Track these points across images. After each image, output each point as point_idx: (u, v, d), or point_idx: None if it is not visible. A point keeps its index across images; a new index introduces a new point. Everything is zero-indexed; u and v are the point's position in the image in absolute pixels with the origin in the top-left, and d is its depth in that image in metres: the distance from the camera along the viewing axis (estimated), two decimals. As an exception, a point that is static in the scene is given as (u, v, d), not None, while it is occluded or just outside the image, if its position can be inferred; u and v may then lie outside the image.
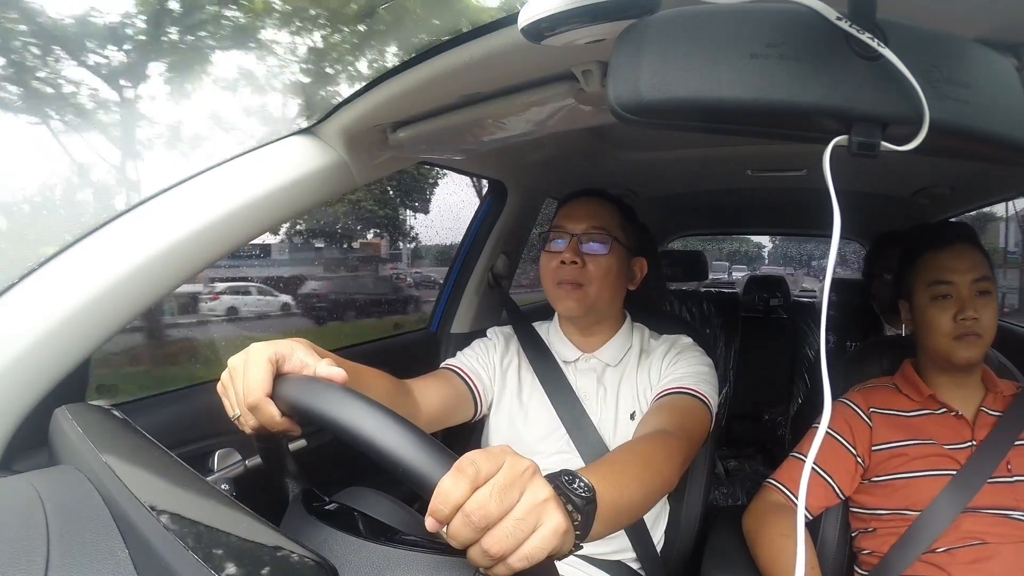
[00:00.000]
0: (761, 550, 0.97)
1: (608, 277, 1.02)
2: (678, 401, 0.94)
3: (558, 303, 1.05)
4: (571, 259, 1.01)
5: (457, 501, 0.43)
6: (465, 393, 1.03)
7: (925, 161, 1.29)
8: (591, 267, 1.01)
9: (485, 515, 0.43)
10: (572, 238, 1.03)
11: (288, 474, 0.67)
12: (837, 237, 0.42)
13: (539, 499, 0.46)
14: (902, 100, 0.38)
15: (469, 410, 1.04)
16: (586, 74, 0.63)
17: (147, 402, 0.96)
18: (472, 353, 1.11)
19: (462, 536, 0.43)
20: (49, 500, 0.51)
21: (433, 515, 0.43)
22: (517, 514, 0.44)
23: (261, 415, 0.56)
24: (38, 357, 0.66)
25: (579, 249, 1.02)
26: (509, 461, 0.46)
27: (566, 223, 1.05)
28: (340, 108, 0.80)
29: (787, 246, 22.18)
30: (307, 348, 0.61)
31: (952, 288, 0.97)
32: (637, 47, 0.39)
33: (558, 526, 0.46)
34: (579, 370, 1.08)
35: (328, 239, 8.46)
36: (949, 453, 0.98)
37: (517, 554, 0.44)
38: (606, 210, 1.06)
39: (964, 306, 0.96)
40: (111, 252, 0.71)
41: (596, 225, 1.03)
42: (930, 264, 1.00)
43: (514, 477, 0.45)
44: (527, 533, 0.44)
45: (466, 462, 0.44)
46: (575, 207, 1.07)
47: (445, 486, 0.43)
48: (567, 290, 1.01)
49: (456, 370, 1.06)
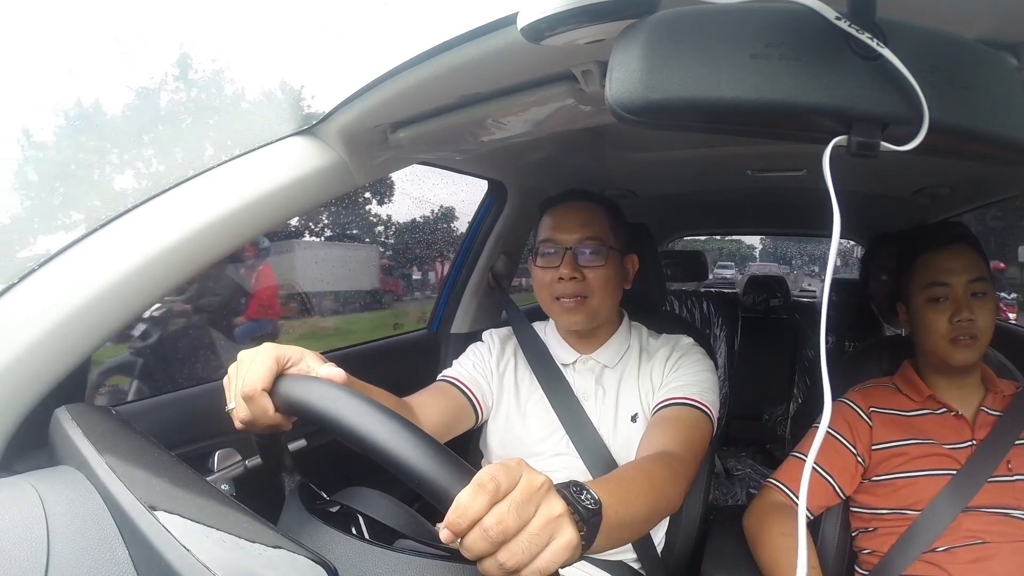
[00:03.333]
0: (762, 550, 0.97)
1: (608, 286, 1.01)
2: (681, 414, 0.94)
3: (560, 318, 1.04)
4: (570, 275, 0.98)
5: (476, 515, 0.43)
6: (464, 405, 1.03)
7: (925, 161, 1.29)
8: (591, 278, 0.99)
9: (503, 530, 0.44)
10: (567, 251, 1.00)
11: (284, 469, 0.67)
12: (837, 237, 0.42)
13: (554, 514, 0.47)
14: (902, 100, 0.38)
15: (470, 421, 1.04)
16: (586, 74, 0.63)
17: (147, 402, 0.96)
18: (468, 361, 1.10)
19: (478, 549, 0.44)
20: (49, 500, 0.51)
21: (450, 527, 0.44)
22: (533, 528, 0.45)
23: (255, 407, 0.57)
24: (38, 357, 0.66)
25: (575, 262, 0.99)
26: (526, 476, 0.47)
27: (557, 234, 1.02)
28: (340, 108, 0.80)
29: (777, 244, 22.13)
30: (316, 356, 0.62)
31: (947, 290, 0.97)
32: (637, 47, 0.39)
33: (570, 540, 0.47)
34: (577, 371, 1.08)
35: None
36: (949, 453, 0.98)
37: (531, 567, 0.45)
38: (596, 215, 1.03)
39: (959, 308, 0.96)
40: (111, 252, 0.71)
41: (589, 235, 1.00)
42: (925, 266, 1.00)
43: (531, 492, 0.46)
44: (541, 547, 0.45)
45: (486, 477, 0.45)
46: (564, 215, 1.04)
47: (464, 500, 0.43)
48: (569, 306, 1.00)
49: (454, 382, 1.05)
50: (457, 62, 0.63)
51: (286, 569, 0.45)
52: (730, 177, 1.63)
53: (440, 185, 4.19)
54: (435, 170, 1.29)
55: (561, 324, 1.07)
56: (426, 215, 7.81)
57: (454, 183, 1.54)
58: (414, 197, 7.61)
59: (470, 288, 1.60)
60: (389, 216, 9.19)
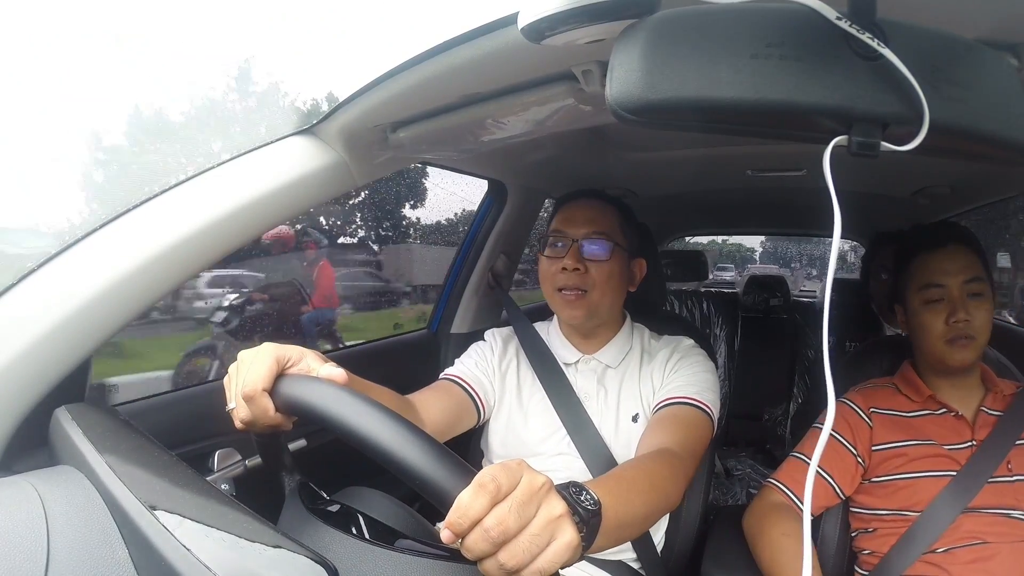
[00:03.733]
0: (762, 550, 0.97)
1: (611, 282, 1.01)
2: (681, 413, 0.94)
3: (560, 310, 1.04)
4: (573, 266, 0.99)
5: (476, 516, 0.44)
6: (467, 402, 1.03)
7: (925, 161, 1.29)
8: (593, 272, 1.00)
9: (504, 531, 0.44)
10: (573, 243, 1.01)
11: (284, 468, 0.67)
12: (837, 237, 0.42)
13: (554, 515, 0.47)
14: (902, 100, 0.38)
15: (472, 419, 1.04)
16: (586, 74, 0.63)
17: (147, 402, 0.96)
18: (470, 360, 1.10)
19: (478, 549, 0.44)
20: (49, 500, 0.51)
21: (450, 528, 0.44)
22: (533, 529, 0.45)
23: (255, 407, 0.57)
24: (38, 357, 0.66)
25: (580, 255, 1.00)
26: (527, 477, 0.47)
27: (566, 227, 1.03)
28: (340, 108, 0.80)
29: (777, 244, 22.16)
30: (316, 356, 0.62)
31: (943, 291, 0.97)
32: (637, 47, 0.39)
33: (571, 541, 0.47)
34: (579, 371, 1.08)
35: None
36: (949, 453, 0.98)
37: (531, 567, 0.45)
38: (606, 213, 1.05)
39: (955, 308, 0.96)
40: (111, 252, 0.71)
41: (597, 230, 1.01)
42: (921, 267, 1.00)
43: (532, 493, 0.46)
44: (541, 548, 0.46)
45: (487, 478, 0.45)
46: (574, 210, 1.05)
47: (465, 500, 0.44)
48: (570, 298, 1.00)
49: (456, 380, 1.05)
50: (457, 62, 0.63)
51: (286, 569, 0.45)
52: (730, 177, 1.63)
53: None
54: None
55: (562, 317, 1.07)
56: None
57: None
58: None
59: (470, 288, 1.60)
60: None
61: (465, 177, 1.44)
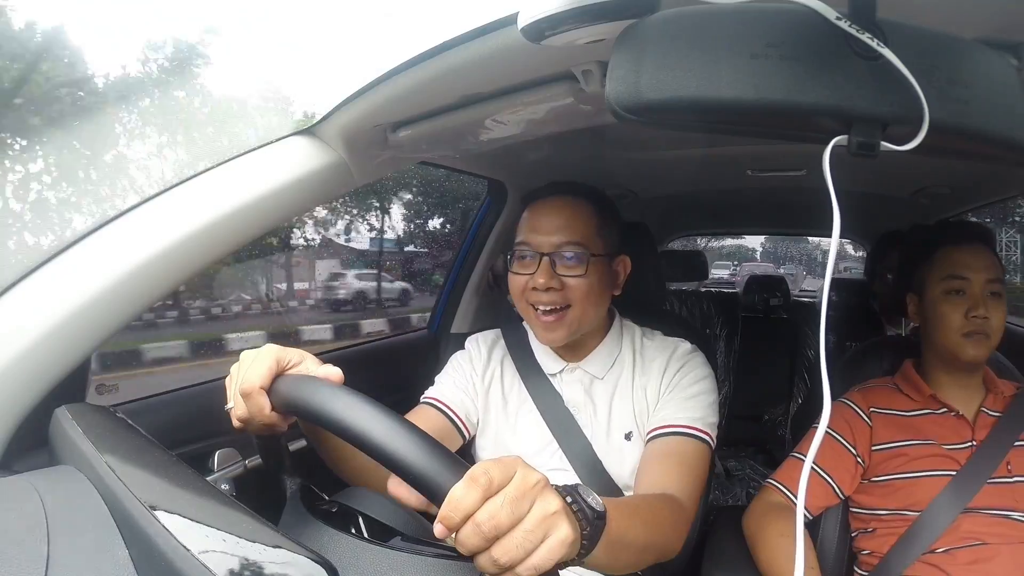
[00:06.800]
0: (761, 551, 0.97)
1: (591, 296, 0.91)
2: (682, 448, 0.88)
3: (538, 333, 0.95)
4: (546, 284, 0.89)
5: (468, 509, 0.43)
6: (449, 427, 0.97)
7: (925, 161, 1.29)
8: (570, 286, 0.90)
9: (495, 525, 0.43)
10: (543, 258, 0.90)
11: (285, 471, 0.67)
12: (837, 237, 0.42)
13: (549, 511, 0.46)
14: (902, 100, 0.38)
15: (456, 443, 0.98)
16: (586, 74, 0.63)
17: (147, 402, 0.96)
18: (449, 378, 1.02)
19: (471, 544, 0.44)
20: (49, 500, 0.51)
21: (443, 522, 0.44)
22: (527, 525, 0.45)
23: (251, 404, 0.57)
24: (38, 357, 0.66)
25: (552, 270, 0.90)
26: (521, 472, 0.47)
27: (534, 237, 0.92)
28: (340, 108, 0.80)
29: (777, 245, 22.19)
30: (316, 360, 0.61)
31: (966, 284, 0.97)
32: (637, 47, 0.39)
33: (566, 537, 0.47)
34: (564, 381, 1.00)
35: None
36: (949, 453, 0.98)
37: (525, 564, 0.45)
38: (580, 215, 0.93)
39: (976, 304, 0.95)
40: (111, 252, 0.71)
41: (570, 240, 0.90)
42: (947, 259, 1.00)
43: (525, 489, 0.46)
44: (536, 544, 0.45)
45: (479, 471, 0.44)
46: (543, 214, 0.93)
47: (457, 494, 0.43)
48: (548, 320, 0.91)
49: (435, 403, 0.99)
50: (457, 62, 0.63)
51: (286, 568, 0.45)
52: (730, 177, 1.63)
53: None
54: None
55: (540, 340, 0.98)
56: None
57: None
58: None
59: (470, 288, 1.60)
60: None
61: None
